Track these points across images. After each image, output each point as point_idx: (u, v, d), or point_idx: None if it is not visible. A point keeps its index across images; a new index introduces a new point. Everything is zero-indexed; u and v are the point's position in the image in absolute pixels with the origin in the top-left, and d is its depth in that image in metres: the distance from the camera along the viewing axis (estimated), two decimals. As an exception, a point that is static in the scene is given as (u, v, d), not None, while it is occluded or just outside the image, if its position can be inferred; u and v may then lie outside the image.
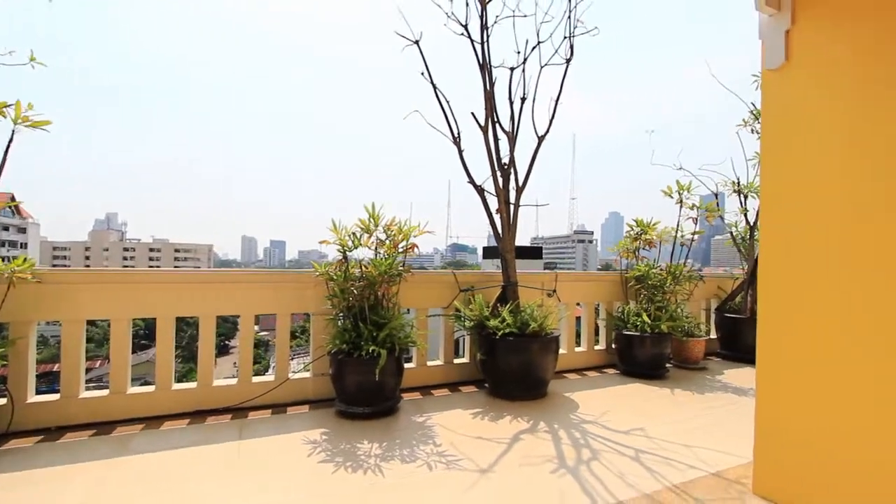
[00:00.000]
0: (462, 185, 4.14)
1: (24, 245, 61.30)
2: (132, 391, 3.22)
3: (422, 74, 3.98)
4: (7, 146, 2.67)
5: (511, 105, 4.11)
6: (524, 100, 4.11)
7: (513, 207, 4.11)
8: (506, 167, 4.06)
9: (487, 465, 2.51)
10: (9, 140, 2.66)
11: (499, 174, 4.04)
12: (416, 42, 3.97)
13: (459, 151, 4.06)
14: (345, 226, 3.46)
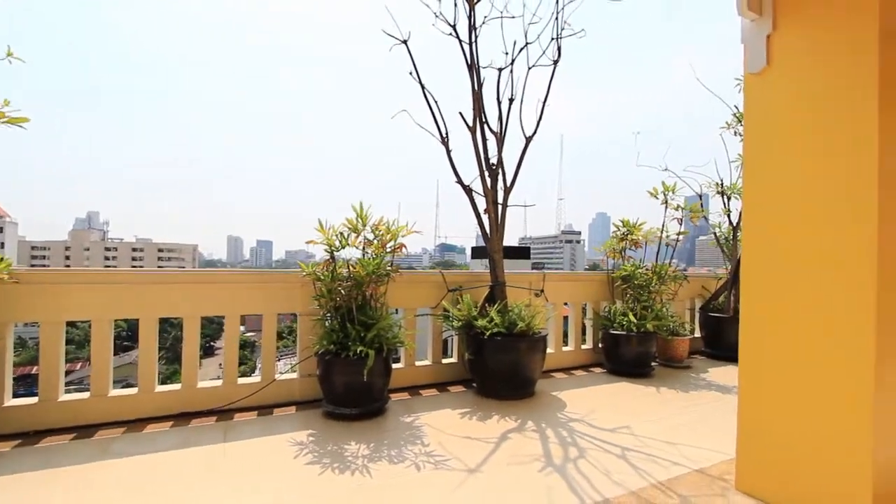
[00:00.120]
0: (451, 185, 4.15)
1: (1, 245, 59.71)
2: (114, 393, 3.15)
3: (410, 74, 3.98)
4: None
5: (499, 105, 4.13)
6: (512, 100, 4.13)
7: (501, 208, 4.13)
8: (494, 167, 4.07)
9: (475, 465, 2.52)
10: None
11: (487, 174, 4.05)
12: (405, 41, 3.96)
13: (447, 151, 4.07)
14: (332, 225, 3.44)
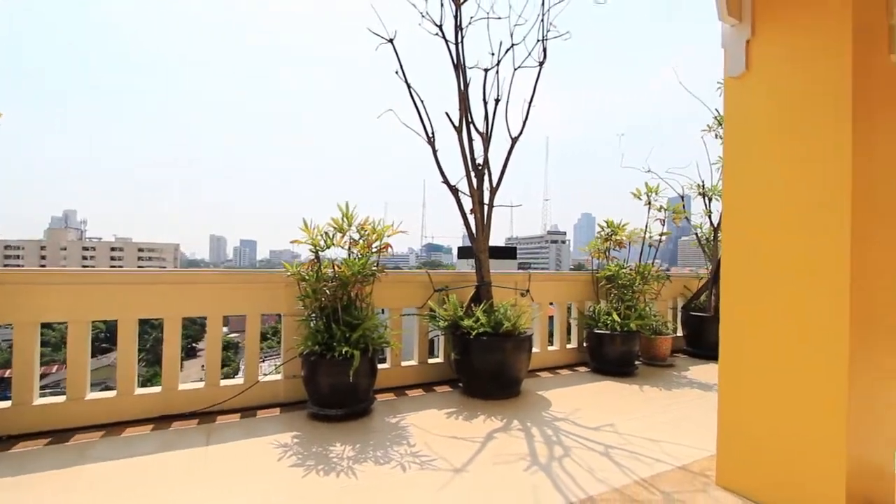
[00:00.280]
0: (437, 185, 4.15)
1: (-28, 244, 57.76)
2: (91, 397, 3.08)
3: (396, 73, 3.97)
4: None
5: (485, 106, 4.14)
6: (498, 101, 4.14)
7: (487, 208, 4.14)
8: (480, 168, 4.08)
9: (461, 465, 2.52)
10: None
11: (473, 175, 4.06)
12: (391, 41, 3.95)
13: (434, 151, 4.06)
14: (317, 225, 3.41)
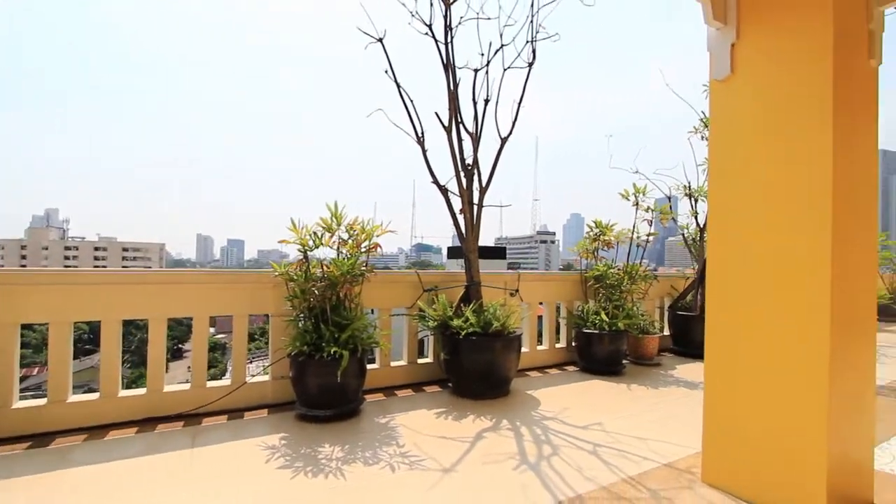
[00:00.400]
0: (427, 185, 4.14)
1: (-50, 243, 56.25)
2: (73, 399, 3.02)
3: (385, 72, 3.95)
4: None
5: (475, 106, 4.14)
6: (487, 101, 4.15)
7: (476, 208, 4.15)
8: (469, 168, 4.09)
9: (450, 465, 2.52)
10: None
11: (462, 175, 4.06)
12: (380, 40, 3.93)
13: (423, 151, 4.06)
14: (305, 225, 3.38)
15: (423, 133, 4.04)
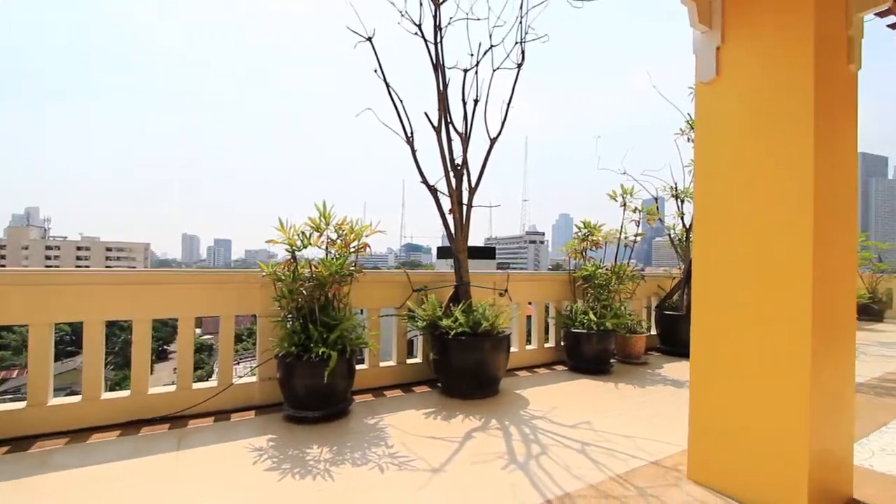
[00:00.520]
0: (417, 185, 4.14)
1: (-75, 242, 54.66)
2: (54, 402, 2.95)
3: (375, 72, 3.94)
4: None
5: (464, 106, 4.15)
6: (477, 102, 4.16)
7: (465, 208, 4.15)
8: (459, 168, 4.09)
9: (439, 465, 2.52)
10: None
11: (452, 175, 4.07)
12: (370, 39, 3.92)
13: (413, 151, 4.05)
14: (293, 224, 3.36)
15: (413, 133, 4.04)
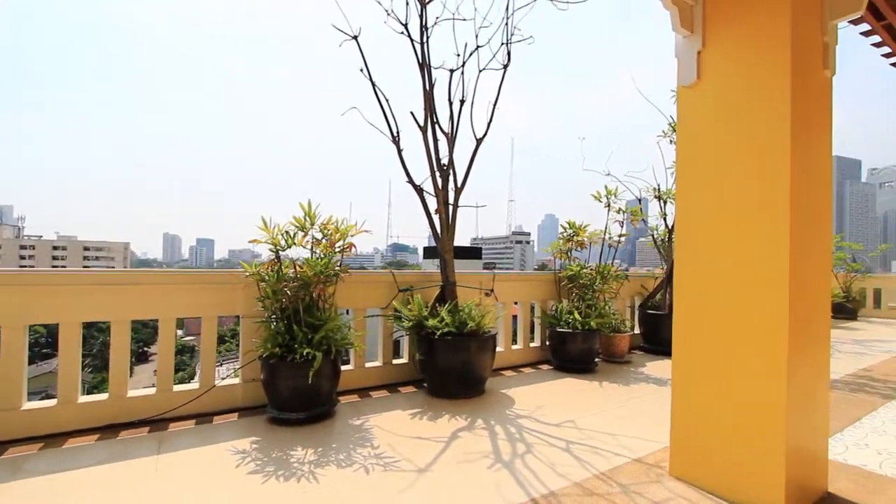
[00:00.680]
0: (403, 185, 4.13)
1: None
2: (28, 406, 2.86)
3: (361, 71, 3.92)
4: None
5: (450, 106, 4.15)
6: (463, 102, 4.16)
7: (452, 208, 4.16)
8: (445, 168, 4.09)
9: (425, 465, 2.52)
10: None
11: (438, 174, 4.06)
12: (355, 37, 3.89)
13: (398, 151, 4.04)
14: (277, 224, 3.32)
15: (399, 133, 4.03)
